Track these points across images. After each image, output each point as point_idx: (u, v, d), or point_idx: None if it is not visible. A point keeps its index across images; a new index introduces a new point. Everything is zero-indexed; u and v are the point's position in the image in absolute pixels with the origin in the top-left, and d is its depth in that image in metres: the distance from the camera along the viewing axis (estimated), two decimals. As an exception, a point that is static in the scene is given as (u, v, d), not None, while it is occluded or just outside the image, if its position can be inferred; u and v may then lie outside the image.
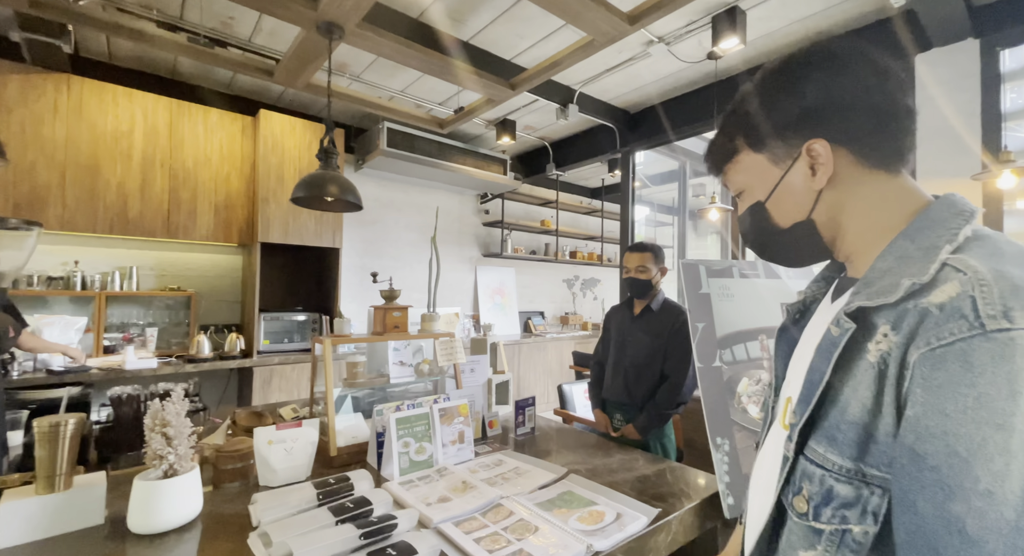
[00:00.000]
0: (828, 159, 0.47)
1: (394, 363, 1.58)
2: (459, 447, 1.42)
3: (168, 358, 2.81)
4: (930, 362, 0.36)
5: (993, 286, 0.36)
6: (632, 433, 1.79)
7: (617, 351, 1.90)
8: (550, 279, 5.37)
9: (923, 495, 0.36)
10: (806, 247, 0.52)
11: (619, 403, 1.87)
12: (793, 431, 0.46)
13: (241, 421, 1.50)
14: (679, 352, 1.76)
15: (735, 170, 0.55)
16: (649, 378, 1.79)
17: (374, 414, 1.36)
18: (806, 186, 0.49)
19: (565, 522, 1.01)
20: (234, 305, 3.37)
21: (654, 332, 1.83)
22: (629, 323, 1.91)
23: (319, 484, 1.07)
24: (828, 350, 0.44)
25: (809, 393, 0.45)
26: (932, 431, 0.36)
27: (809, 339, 0.52)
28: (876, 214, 0.47)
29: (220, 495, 1.16)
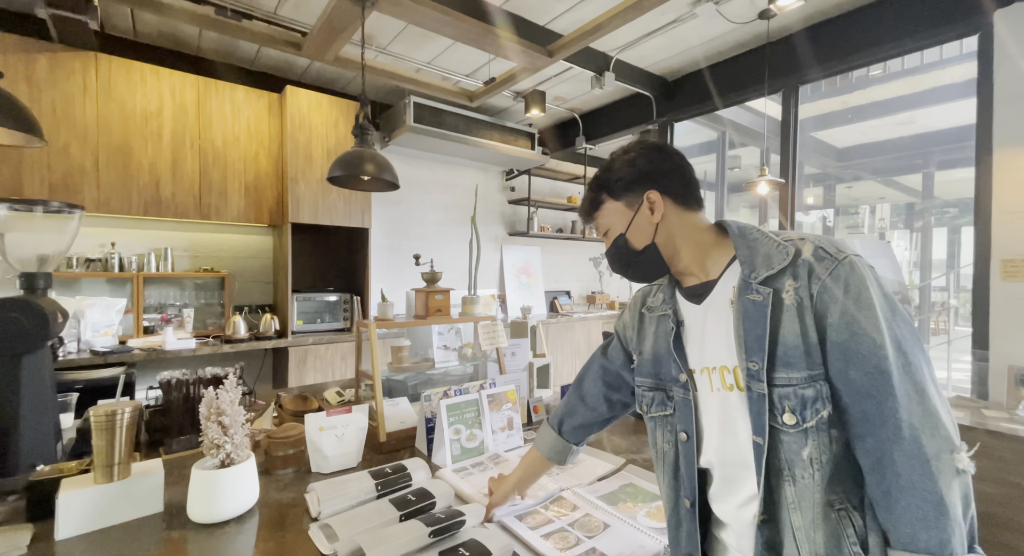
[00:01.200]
0: (660, 203, 0.74)
1: (438, 347, 1.53)
2: (508, 434, 1.37)
3: (205, 338, 2.84)
4: (825, 288, 0.62)
5: (821, 240, 0.66)
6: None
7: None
8: (576, 258, 5.26)
9: (852, 366, 0.60)
10: (653, 264, 0.77)
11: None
12: (760, 374, 0.64)
13: (287, 405, 1.49)
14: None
15: (602, 215, 0.80)
16: None
17: (422, 400, 1.32)
18: (648, 221, 0.75)
19: (634, 518, 0.96)
20: (266, 286, 3.39)
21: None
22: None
23: (376, 474, 1.03)
24: (759, 312, 0.64)
25: (759, 346, 0.64)
26: (843, 325, 0.60)
27: (716, 323, 0.71)
28: (697, 236, 0.76)
29: (274, 482, 1.14)
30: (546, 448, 0.99)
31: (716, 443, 0.72)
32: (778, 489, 0.64)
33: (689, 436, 0.74)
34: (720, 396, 0.71)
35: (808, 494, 0.62)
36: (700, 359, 0.74)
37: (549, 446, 0.99)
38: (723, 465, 0.72)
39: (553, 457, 0.98)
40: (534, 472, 1.00)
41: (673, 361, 0.76)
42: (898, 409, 0.56)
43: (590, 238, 4.98)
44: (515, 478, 0.99)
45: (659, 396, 0.80)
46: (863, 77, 3.96)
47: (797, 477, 0.62)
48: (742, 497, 0.70)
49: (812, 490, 0.62)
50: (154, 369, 2.79)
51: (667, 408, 0.79)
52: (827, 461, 0.61)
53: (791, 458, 0.63)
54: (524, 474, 0.99)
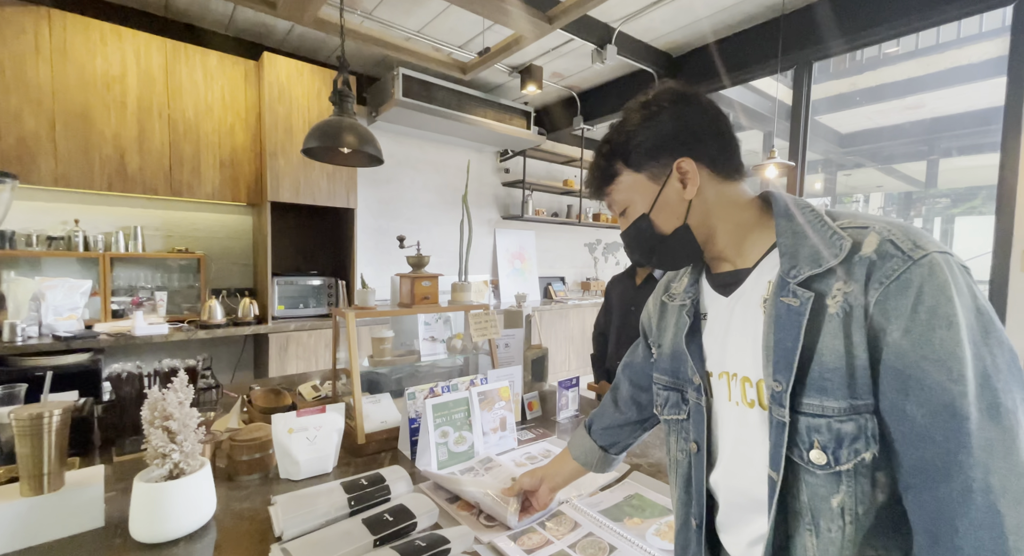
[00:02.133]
0: (694, 174, 0.58)
1: (425, 338, 1.40)
2: (501, 435, 1.25)
3: (179, 323, 2.68)
4: (887, 296, 0.46)
5: (894, 230, 0.49)
6: None
7: (621, 321, 1.89)
8: (571, 243, 5.13)
9: (911, 400, 0.45)
10: (684, 249, 0.62)
11: None
12: (783, 398, 0.50)
13: (257, 401, 1.35)
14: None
15: (618, 190, 0.64)
16: None
17: (406, 397, 1.19)
18: (679, 197, 0.60)
19: (643, 538, 0.84)
20: (246, 268, 3.21)
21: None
22: (632, 293, 1.89)
23: (350, 487, 0.90)
24: (793, 320, 0.50)
25: (786, 363, 0.50)
26: (907, 347, 0.45)
27: (743, 323, 0.57)
28: (737, 214, 0.60)
29: (236, 490, 1.01)
30: (576, 448, 0.88)
31: (727, 465, 0.60)
32: (795, 537, 0.51)
33: (700, 448, 0.62)
34: (739, 412, 0.58)
35: (834, 551, 0.49)
36: (720, 362, 0.61)
37: (579, 446, 0.88)
38: (731, 491, 0.60)
39: (582, 459, 0.87)
40: (563, 471, 0.90)
41: (687, 359, 0.64)
42: (972, 464, 0.41)
43: (586, 223, 4.84)
44: (543, 470, 0.90)
45: (674, 397, 0.68)
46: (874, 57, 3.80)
47: (821, 529, 0.49)
48: (751, 535, 0.58)
49: (840, 547, 0.48)
50: (124, 356, 2.63)
51: (681, 412, 0.66)
52: (865, 513, 0.48)
53: (816, 505, 0.50)
54: (553, 469, 0.90)
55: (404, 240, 1.43)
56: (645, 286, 1.90)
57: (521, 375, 1.49)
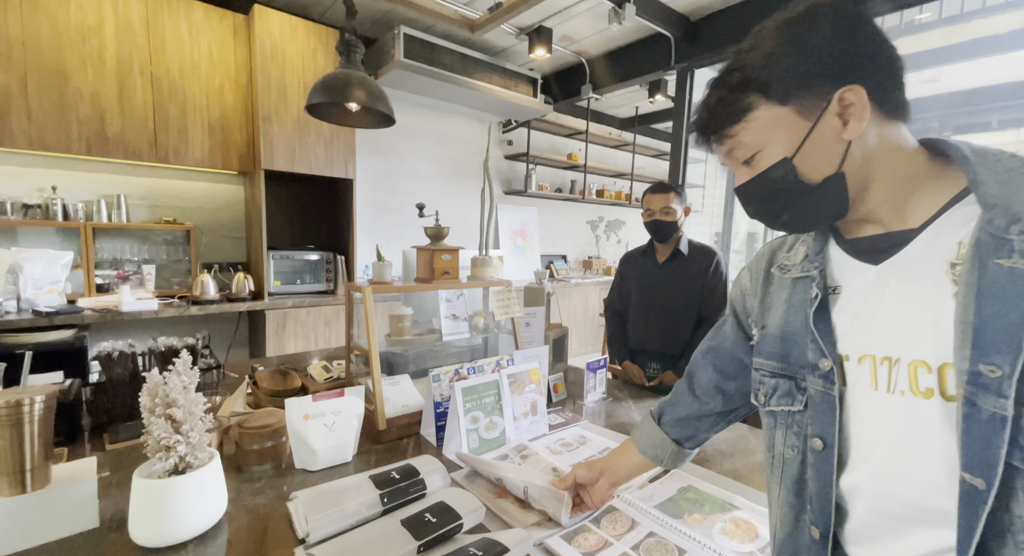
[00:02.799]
0: (863, 107, 0.47)
1: (447, 316, 1.29)
2: (532, 420, 1.16)
3: (169, 299, 2.53)
4: None
5: None
6: (672, 379, 1.71)
7: (643, 300, 1.82)
8: (574, 220, 5.00)
9: None
10: (829, 205, 0.51)
11: (653, 352, 1.81)
12: (1004, 387, 0.39)
13: (264, 382, 1.24)
14: (718, 293, 1.71)
15: (749, 130, 0.51)
16: (687, 323, 1.74)
17: (429, 379, 1.09)
18: (836, 136, 0.48)
19: (710, 538, 0.76)
20: (239, 242, 3.04)
21: (688, 275, 1.75)
22: (655, 270, 1.82)
23: (380, 481, 0.80)
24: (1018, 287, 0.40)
25: (1009, 342, 0.39)
26: None
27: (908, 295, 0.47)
28: (903, 162, 0.49)
29: (248, 483, 0.91)
30: (644, 440, 0.78)
31: (878, 465, 0.50)
32: None
33: (827, 444, 0.52)
34: (900, 403, 0.48)
35: None
36: (861, 343, 0.50)
37: (646, 438, 0.78)
38: (882, 498, 0.50)
39: (651, 452, 0.77)
40: (626, 465, 0.80)
41: (812, 341, 0.53)
42: None
43: (589, 200, 4.70)
44: (602, 463, 0.81)
45: (784, 385, 0.57)
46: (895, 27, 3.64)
47: None
48: (909, 551, 0.48)
49: None
50: (111, 333, 2.49)
51: (794, 402, 0.56)
52: None
53: None
54: (615, 462, 0.81)
55: (424, 208, 1.30)
56: (670, 266, 1.80)
57: (548, 355, 1.39)
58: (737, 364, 0.67)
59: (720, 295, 1.72)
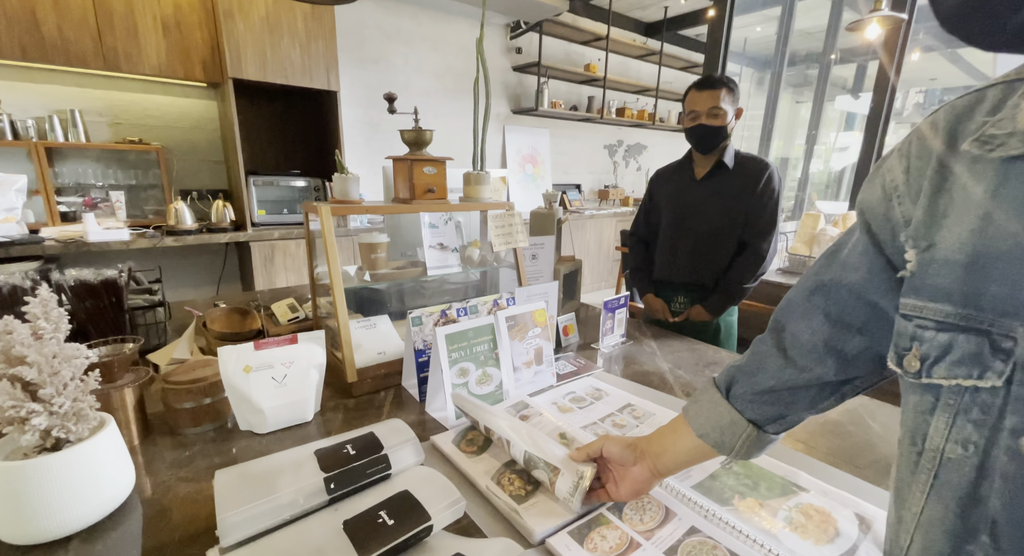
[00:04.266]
0: None
1: (431, 246, 1.04)
2: (536, 370, 0.95)
3: (143, 228, 2.32)
4: None
5: None
6: (701, 315, 1.49)
7: (675, 223, 1.53)
8: (590, 144, 4.55)
9: None
10: None
11: (681, 284, 1.54)
12: None
13: (215, 324, 1.03)
14: (767, 213, 1.41)
15: None
16: (724, 250, 1.47)
17: (410, 323, 0.87)
18: None
19: (775, 538, 0.56)
20: (217, 167, 2.76)
21: (731, 193, 1.44)
22: (691, 188, 1.51)
23: (329, 457, 0.60)
24: None
25: None
26: None
27: None
28: None
29: (178, 451, 0.72)
30: (703, 420, 0.53)
31: None
32: None
33: None
34: None
35: None
36: None
37: (708, 417, 0.52)
38: None
39: (714, 437, 0.51)
40: (677, 449, 0.55)
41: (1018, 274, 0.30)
42: None
43: (608, 119, 4.23)
44: (643, 443, 0.57)
45: (967, 344, 0.34)
46: None
47: None
48: None
49: None
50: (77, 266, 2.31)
51: (985, 373, 0.33)
52: None
53: None
54: (660, 444, 0.56)
55: (394, 100, 1.00)
56: (711, 181, 1.47)
57: (557, 293, 1.16)
58: (866, 310, 0.42)
59: (770, 216, 1.42)
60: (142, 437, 0.75)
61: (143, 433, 0.75)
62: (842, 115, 6.24)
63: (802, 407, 0.47)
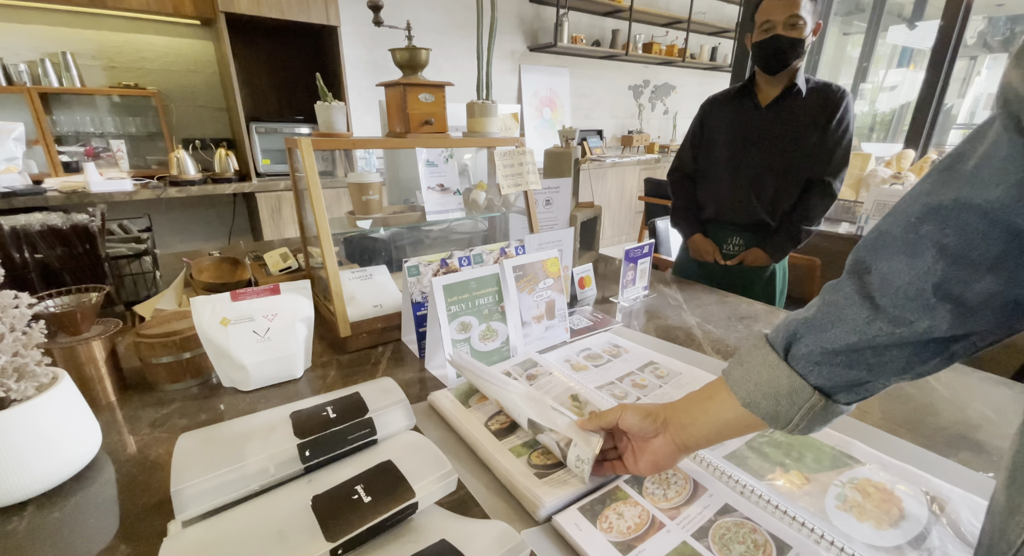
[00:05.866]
0: None
1: (430, 187, 0.93)
2: (547, 326, 0.86)
3: (146, 179, 2.25)
4: None
5: None
6: (759, 259, 1.36)
7: (735, 156, 1.35)
8: (613, 85, 4.23)
9: None
10: None
11: (737, 224, 1.39)
12: None
13: (201, 275, 0.96)
14: (841, 149, 1.26)
15: None
16: (791, 187, 1.31)
17: (405, 273, 0.77)
18: None
19: (824, 516, 0.47)
20: (218, 114, 2.64)
21: (803, 122, 1.25)
22: (754, 116, 1.31)
23: (306, 421, 0.53)
24: None
25: None
26: None
27: None
28: None
29: (153, 410, 0.67)
30: (749, 384, 0.41)
31: None
32: None
33: None
34: None
35: None
36: None
37: (755, 381, 0.41)
38: None
39: (763, 405, 0.40)
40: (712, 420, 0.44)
41: None
42: None
43: (634, 56, 3.89)
44: (667, 411, 0.47)
45: None
46: None
47: None
48: None
49: None
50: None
51: None
52: None
53: None
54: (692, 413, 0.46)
55: (380, 11, 0.86)
56: (779, 108, 1.26)
57: (572, 241, 1.04)
58: (1004, 240, 0.29)
59: (844, 150, 1.26)
60: (118, 393, 0.69)
61: (119, 389, 0.69)
62: (894, 50, 5.62)
63: (891, 371, 0.36)
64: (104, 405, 0.67)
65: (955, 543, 0.45)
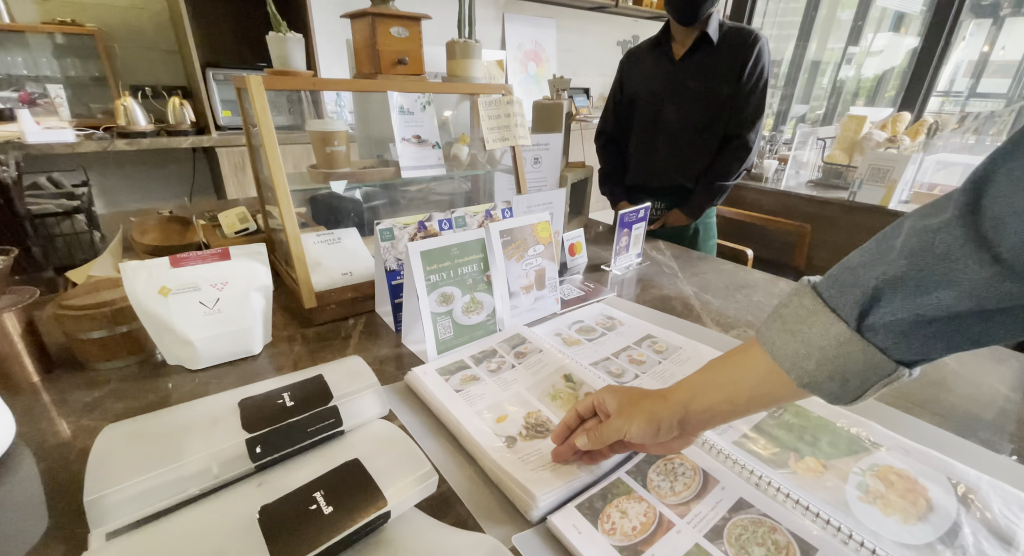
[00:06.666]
0: None
1: (404, 138, 0.82)
2: (536, 296, 0.78)
3: (91, 130, 2.03)
4: None
5: None
6: (679, 219, 1.36)
7: (651, 116, 1.30)
8: (600, 40, 4.00)
9: None
10: None
11: (659, 188, 1.38)
12: None
13: (143, 238, 0.84)
14: (754, 98, 1.20)
15: None
16: (708, 145, 1.28)
17: (377, 236, 0.68)
18: None
19: (846, 508, 0.43)
20: (170, 58, 2.38)
21: (716, 73, 1.20)
22: (669, 70, 1.25)
23: (256, 412, 0.45)
24: None
25: None
26: None
27: None
28: None
29: (83, 393, 0.58)
30: (809, 363, 0.33)
31: None
32: None
33: None
34: None
35: None
36: None
37: (816, 357, 0.32)
38: None
39: (824, 386, 0.33)
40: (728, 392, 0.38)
41: None
42: None
43: (624, 8, 3.67)
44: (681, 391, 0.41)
45: None
46: None
47: None
48: None
49: None
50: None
51: None
52: None
53: None
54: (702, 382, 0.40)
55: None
56: (693, 60, 1.21)
57: (564, 203, 0.95)
58: None
59: (758, 100, 1.20)
60: (42, 374, 0.60)
61: (43, 370, 0.60)
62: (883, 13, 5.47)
63: (999, 336, 0.28)
64: (24, 388, 0.57)
65: (990, 539, 0.41)
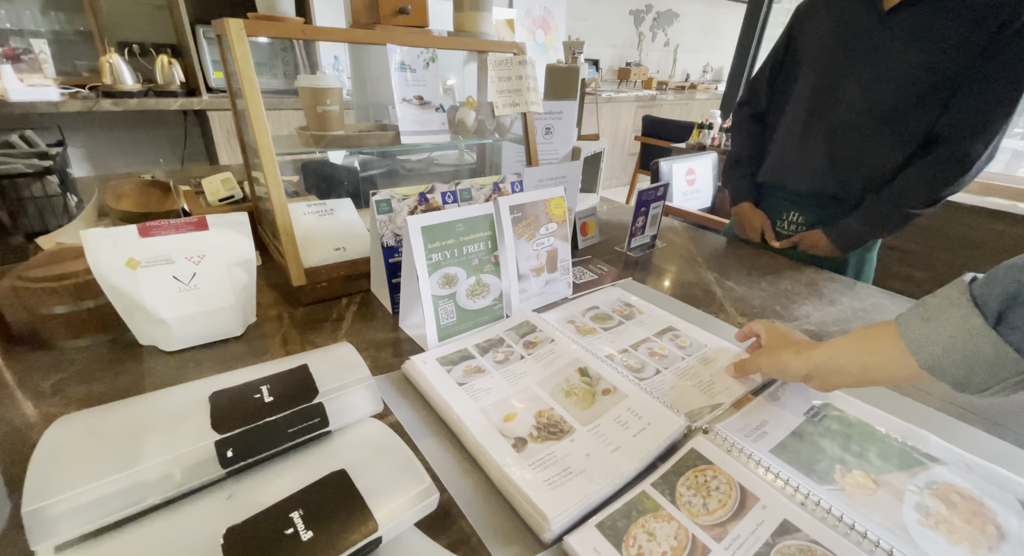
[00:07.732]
0: None
1: (404, 99, 0.73)
2: (547, 279, 0.72)
3: (76, 88, 1.92)
4: None
5: None
6: (818, 246, 0.93)
7: (818, 92, 0.89)
8: (613, 8, 3.82)
9: None
10: None
11: (803, 193, 0.95)
12: None
13: (120, 203, 0.77)
14: (1001, 81, 0.73)
15: None
16: (896, 146, 0.84)
17: (374, 209, 0.61)
18: None
19: (908, 537, 0.37)
20: (158, 13, 2.24)
21: (942, 36, 0.75)
22: (866, 27, 0.82)
23: (229, 408, 0.39)
24: None
25: None
26: None
27: None
28: None
29: (47, 375, 0.52)
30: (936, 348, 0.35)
31: None
32: None
33: None
34: None
35: None
36: None
37: (944, 344, 0.35)
38: None
39: (948, 371, 0.35)
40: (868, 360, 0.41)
41: None
42: None
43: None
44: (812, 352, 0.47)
45: None
46: None
47: None
48: None
49: None
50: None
51: None
52: None
53: None
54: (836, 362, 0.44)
55: None
56: (908, 14, 0.77)
57: (579, 177, 0.88)
58: None
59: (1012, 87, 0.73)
60: (2, 352, 0.54)
61: (2, 347, 0.54)
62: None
63: None
64: (-23, 368, 0.52)
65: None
